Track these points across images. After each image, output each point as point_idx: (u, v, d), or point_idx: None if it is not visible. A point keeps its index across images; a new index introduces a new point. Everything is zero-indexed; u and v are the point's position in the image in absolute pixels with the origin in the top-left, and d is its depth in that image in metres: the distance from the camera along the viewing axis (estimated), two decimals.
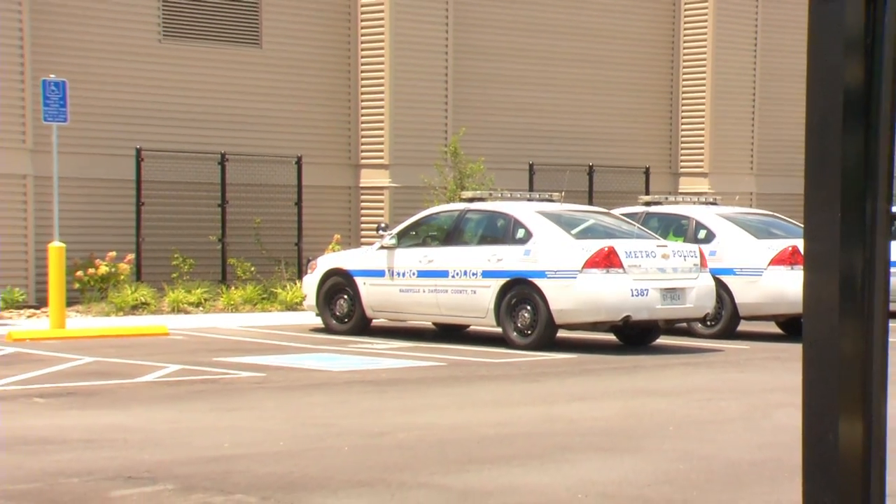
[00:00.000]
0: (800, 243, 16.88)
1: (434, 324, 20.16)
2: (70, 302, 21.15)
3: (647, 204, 22.24)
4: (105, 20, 24.58)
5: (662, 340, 19.07)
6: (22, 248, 23.19)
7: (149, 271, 24.38)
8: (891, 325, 4.12)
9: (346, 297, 19.91)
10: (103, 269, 23.26)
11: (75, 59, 23.84)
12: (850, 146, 3.83)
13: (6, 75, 22.97)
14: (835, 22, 3.89)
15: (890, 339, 4.08)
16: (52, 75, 20.97)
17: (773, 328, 20.89)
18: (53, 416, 11.99)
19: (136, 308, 22.49)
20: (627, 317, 17.90)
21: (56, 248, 19.42)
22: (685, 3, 32.02)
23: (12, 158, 23.13)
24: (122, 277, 23.37)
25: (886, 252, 3.99)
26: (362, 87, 27.51)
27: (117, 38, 24.71)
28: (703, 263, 18.67)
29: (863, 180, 3.90)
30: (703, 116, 32.12)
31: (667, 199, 23.22)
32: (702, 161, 32.10)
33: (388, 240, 19.58)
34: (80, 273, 22.82)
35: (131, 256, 24.01)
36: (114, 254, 23.58)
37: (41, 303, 22.36)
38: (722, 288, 19.40)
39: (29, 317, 21.59)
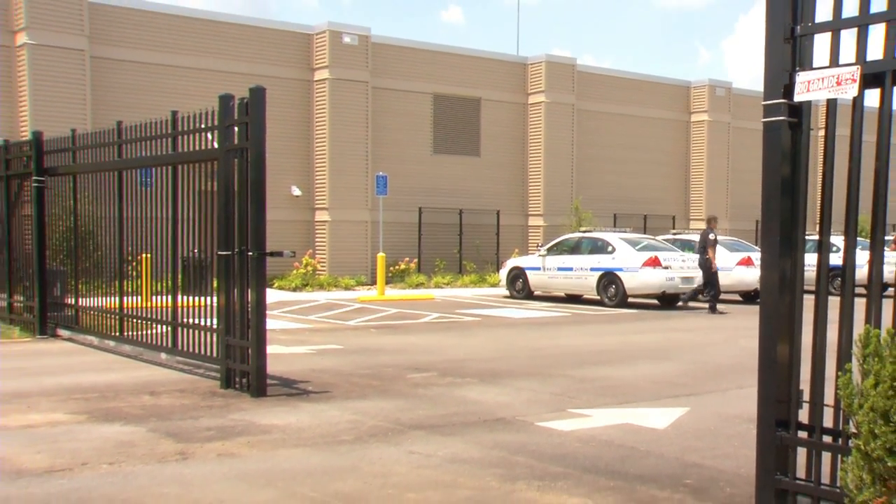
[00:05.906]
0: (753, 254, 16.11)
1: (565, 294, 19.96)
2: (387, 282, 21.59)
3: (675, 234, 21.78)
4: (406, 144, 25.02)
5: (681, 304, 18.54)
6: (364, 256, 23.75)
7: (424, 267, 24.73)
8: (805, 297, 3.95)
9: (521, 280, 19.81)
10: (402, 266, 23.64)
11: (391, 163, 24.32)
12: (784, 206, 3.73)
13: (359, 171, 23.63)
14: (776, 141, 3.77)
15: (804, 305, 3.93)
16: (380, 172, 21.59)
17: (737, 298, 20.14)
18: (379, 337, 12.27)
19: (418, 286, 22.74)
20: (664, 291, 17.54)
21: (381, 256, 19.79)
22: (693, 131, 31.24)
23: (361, 213, 23.71)
24: (411, 270, 23.73)
25: (802, 259, 3.86)
26: (530, 176, 27.40)
27: (411, 153, 25.12)
28: None
29: (790, 222, 3.78)
30: (702, 190, 31.27)
31: (684, 231, 22.76)
32: (701, 212, 31.19)
33: (542, 251, 19.45)
34: (391, 268, 23.25)
35: (416, 260, 24.38)
36: (407, 259, 24.02)
37: (373, 282, 22.88)
38: None
39: (367, 289, 22.08)
